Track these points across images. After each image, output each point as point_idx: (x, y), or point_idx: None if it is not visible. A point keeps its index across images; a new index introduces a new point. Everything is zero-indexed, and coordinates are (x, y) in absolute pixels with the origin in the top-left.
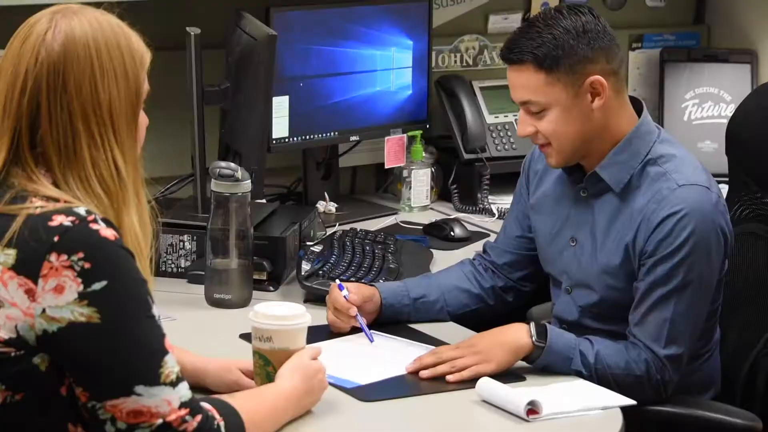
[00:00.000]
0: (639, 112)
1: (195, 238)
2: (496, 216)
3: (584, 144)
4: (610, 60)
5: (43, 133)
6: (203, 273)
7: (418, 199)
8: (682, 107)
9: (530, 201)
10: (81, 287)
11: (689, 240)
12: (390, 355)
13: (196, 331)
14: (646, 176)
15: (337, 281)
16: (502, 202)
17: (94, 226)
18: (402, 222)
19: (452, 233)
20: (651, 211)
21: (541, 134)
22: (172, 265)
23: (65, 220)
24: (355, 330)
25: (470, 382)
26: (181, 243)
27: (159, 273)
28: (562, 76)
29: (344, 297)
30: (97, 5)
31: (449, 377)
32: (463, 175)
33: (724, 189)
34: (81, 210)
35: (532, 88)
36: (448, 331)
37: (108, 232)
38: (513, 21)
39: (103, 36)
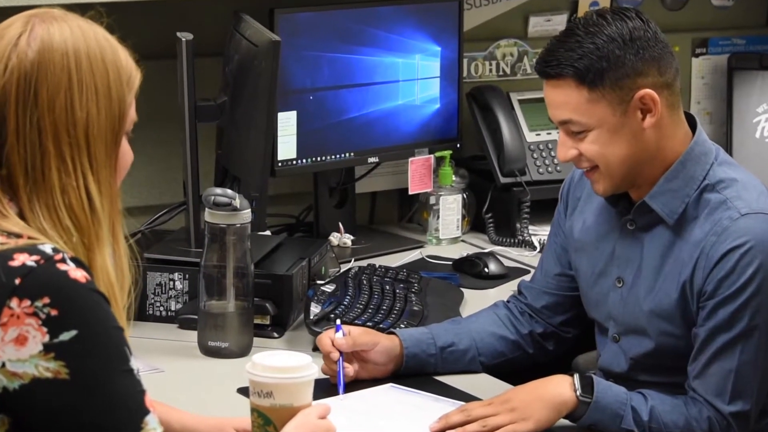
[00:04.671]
0: (692, 129)
1: (187, 276)
2: (538, 249)
3: (635, 168)
4: (663, 71)
5: (9, 150)
6: (196, 317)
7: (447, 230)
8: (753, 122)
9: (569, 233)
10: (47, 338)
11: (755, 278)
12: (412, 413)
13: (188, 385)
14: (705, 205)
15: (338, 321)
16: (544, 233)
17: (62, 267)
18: (428, 257)
19: (486, 269)
20: (710, 244)
21: (586, 157)
22: (161, 308)
23: (28, 260)
24: (370, 383)
25: None
26: (171, 282)
27: (145, 317)
28: (607, 92)
29: (331, 339)
30: (82, 10)
31: None
32: (499, 202)
33: None
34: (47, 248)
35: (573, 106)
36: (480, 383)
37: (78, 274)
38: (557, 23)
39: (86, 46)
